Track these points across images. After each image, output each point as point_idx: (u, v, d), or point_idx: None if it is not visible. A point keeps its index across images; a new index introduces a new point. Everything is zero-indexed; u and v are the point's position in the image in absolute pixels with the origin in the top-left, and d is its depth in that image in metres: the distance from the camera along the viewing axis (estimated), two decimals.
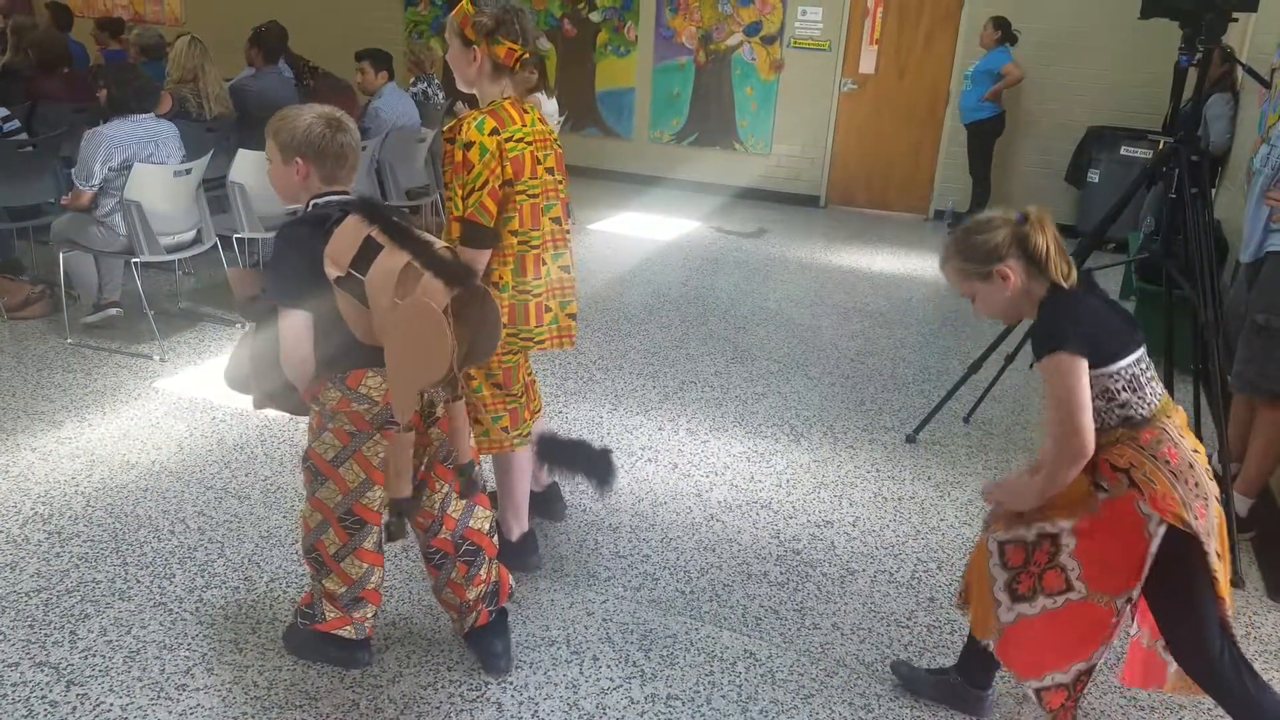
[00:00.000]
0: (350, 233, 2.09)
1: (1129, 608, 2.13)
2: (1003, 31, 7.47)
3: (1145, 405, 2.02)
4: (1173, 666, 2.25)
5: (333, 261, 2.07)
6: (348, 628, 2.42)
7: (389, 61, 6.29)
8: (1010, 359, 4.03)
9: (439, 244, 2.14)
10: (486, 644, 2.50)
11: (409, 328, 2.01)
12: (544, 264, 2.66)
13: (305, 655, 2.50)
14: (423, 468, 2.31)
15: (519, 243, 2.60)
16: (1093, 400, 1.98)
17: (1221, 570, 2.06)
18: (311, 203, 2.20)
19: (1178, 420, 2.08)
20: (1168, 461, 2.00)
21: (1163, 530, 1.98)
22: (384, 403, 2.19)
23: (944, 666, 2.53)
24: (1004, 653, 2.26)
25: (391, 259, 2.05)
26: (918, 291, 6.34)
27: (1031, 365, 2.10)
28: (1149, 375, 2.04)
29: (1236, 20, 3.46)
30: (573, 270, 2.76)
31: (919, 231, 8.22)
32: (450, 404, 2.20)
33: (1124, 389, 1.99)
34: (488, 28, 2.48)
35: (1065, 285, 2.04)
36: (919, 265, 7.04)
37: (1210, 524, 2.03)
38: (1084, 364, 1.94)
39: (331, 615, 2.40)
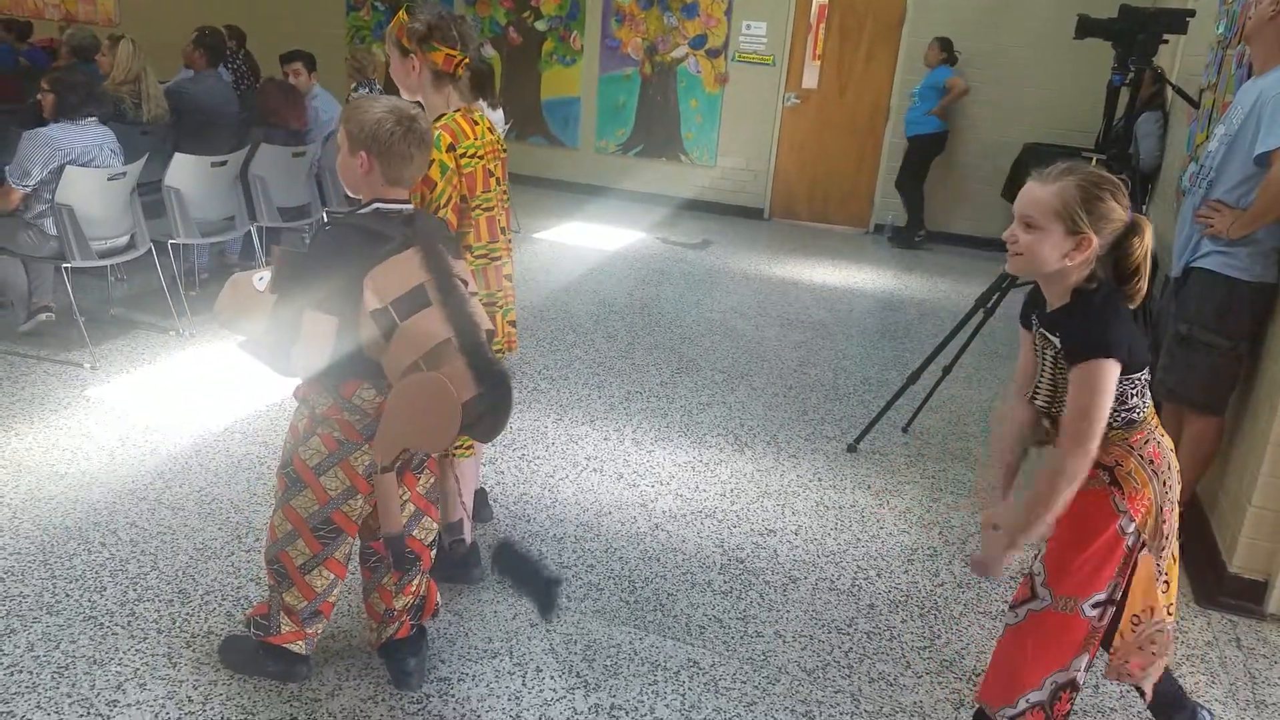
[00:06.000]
0: (404, 270, 2.02)
1: (1104, 616, 2.07)
2: (947, 53, 7.75)
3: (1144, 408, 2.03)
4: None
5: (376, 292, 1.99)
6: (299, 642, 2.37)
7: (314, 64, 6.36)
8: (947, 370, 4.11)
9: (485, 325, 2.08)
10: (400, 659, 2.45)
11: (422, 399, 1.98)
12: (509, 279, 2.69)
13: (243, 669, 2.44)
14: None
15: (477, 256, 2.61)
16: None
17: (1172, 574, 2.10)
18: (374, 206, 2.13)
19: (1155, 420, 2.08)
20: (1151, 461, 2.02)
21: (1135, 535, 2.00)
22: (375, 415, 2.15)
23: None
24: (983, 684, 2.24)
25: (434, 324, 2.00)
26: (858, 303, 6.44)
27: (1054, 353, 2.01)
28: (1148, 380, 2.04)
29: (1167, 42, 3.58)
30: (512, 278, 2.78)
31: (859, 244, 8.35)
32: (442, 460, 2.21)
33: (1135, 394, 1.99)
34: (420, 34, 2.48)
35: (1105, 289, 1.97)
36: (860, 277, 7.15)
37: (1173, 527, 2.06)
38: (1119, 370, 1.90)
39: (287, 629, 2.35)
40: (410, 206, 2.19)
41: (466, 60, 2.54)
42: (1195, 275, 3.17)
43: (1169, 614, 2.13)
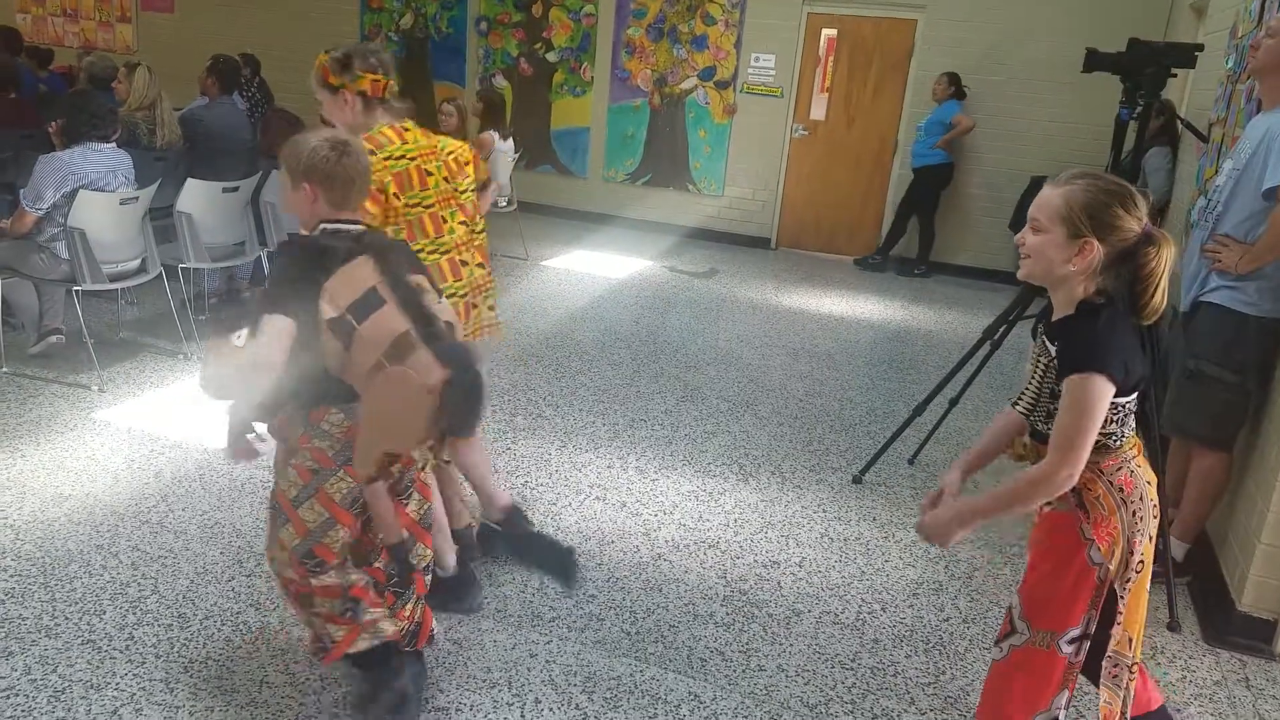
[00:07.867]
0: (356, 275, 2.06)
1: (1080, 652, 2.04)
2: (955, 87, 7.81)
3: (1122, 436, 1.98)
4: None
5: (330, 301, 2.03)
6: (363, 636, 2.26)
7: None
8: (954, 403, 4.09)
9: (443, 315, 2.12)
10: None
11: (391, 395, 1.99)
12: (464, 265, 2.84)
13: (369, 705, 2.35)
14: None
15: (430, 250, 2.74)
16: None
17: (1134, 610, 2.07)
18: (320, 227, 2.18)
19: (1136, 450, 2.05)
20: (1121, 489, 1.98)
21: (1104, 567, 1.97)
22: (345, 438, 2.16)
23: None
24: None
25: (391, 320, 2.03)
26: (865, 334, 6.43)
27: (1046, 365, 1.98)
28: (1133, 408, 1.99)
29: (1175, 76, 3.58)
30: (488, 266, 2.97)
31: (866, 275, 8.34)
32: (439, 468, 2.20)
33: (1116, 420, 1.94)
34: (341, 61, 2.63)
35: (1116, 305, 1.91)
36: (866, 308, 7.15)
37: (1143, 561, 2.03)
38: (1112, 390, 1.85)
39: (340, 634, 2.26)
40: (360, 226, 2.23)
41: (390, 82, 2.70)
42: (1203, 310, 3.16)
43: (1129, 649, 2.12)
